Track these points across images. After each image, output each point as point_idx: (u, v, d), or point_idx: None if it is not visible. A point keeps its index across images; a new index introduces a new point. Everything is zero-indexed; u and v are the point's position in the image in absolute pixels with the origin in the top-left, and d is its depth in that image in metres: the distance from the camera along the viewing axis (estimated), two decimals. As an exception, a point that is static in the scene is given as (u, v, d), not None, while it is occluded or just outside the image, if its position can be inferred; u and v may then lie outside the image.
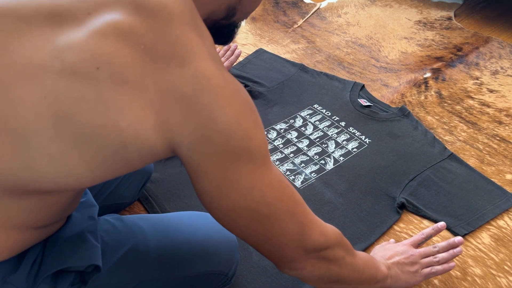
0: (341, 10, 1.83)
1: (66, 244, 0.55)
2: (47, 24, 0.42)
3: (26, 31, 0.42)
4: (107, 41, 0.41)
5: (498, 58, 1.50)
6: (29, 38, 0.42)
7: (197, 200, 1.00)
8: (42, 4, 0.43)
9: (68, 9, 0.43)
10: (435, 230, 0.82)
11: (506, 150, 1.13)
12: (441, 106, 1.29)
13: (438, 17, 1.75)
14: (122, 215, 0.69)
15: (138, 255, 0.63)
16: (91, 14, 0.42)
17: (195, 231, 0.71)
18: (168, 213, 0.78)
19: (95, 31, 0.41)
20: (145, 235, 0.65)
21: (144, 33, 0.42)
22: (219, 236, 0.72)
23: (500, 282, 0.84)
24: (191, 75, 0.43)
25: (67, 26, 0.42)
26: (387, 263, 0.74)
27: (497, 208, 0.97)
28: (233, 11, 0.60)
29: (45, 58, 0.41)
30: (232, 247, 0.74)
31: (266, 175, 0.49)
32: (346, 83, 1.36)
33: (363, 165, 1.09)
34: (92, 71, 0.41)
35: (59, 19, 0.42)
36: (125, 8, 0.42)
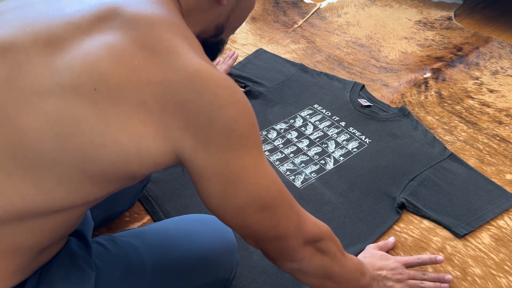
0: (341, 10, 1.83)
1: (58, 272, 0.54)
2: (44, 52, 0.44)
3: (25, 62, 0.44)
4: (102, 63, 0.43)
5: (498, 58, 1.50)
6: (29, 68, 0.44)
7: (197, 200, 1.00)
8: (39, 35, 0.45)
9: (63, 36, 0.45)
10: (431, 260, 0.83)
11: (506, 150, 1.13)
12: (441, 106, 1.29)
13: (438, 17, 1.75)
14: (114, 234, 0.67)
15: (134, 277, 0.62)
16: (85, 40, 0.44)
17: (192, 241, 0.69)
18: (164, 222, 0.75)
19: (90, 54, 0.43)
20: (139, 255, 0.63)
21: (136, 51, 0.44)
22: (218, 240, 0.71)
23: (500, 282, 0.84)
24: (188, 80, 0.44)
25: (63, 51, 0.44)
26: (373, 273, 0.75)
27: (497, 208, 0.97)
28: (222, 29, 0.64)
29: (45, 83, 0.43)
30: (231, 249, 0.72)
31: (267, 169, 0.51)
32: (346, 83, 1.36)
33: (363, 165, 1.09)
34: (90, 93, 0.42)
35: (55, 46, 0.44)
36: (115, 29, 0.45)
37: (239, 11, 0.63)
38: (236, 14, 0.63)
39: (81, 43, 0.44)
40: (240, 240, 0.90)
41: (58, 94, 0.43)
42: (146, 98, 0.43)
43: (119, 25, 0.45)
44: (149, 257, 0.64)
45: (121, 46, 0.44)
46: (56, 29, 0.45)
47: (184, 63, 0.44)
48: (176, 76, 0.44)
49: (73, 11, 0.47)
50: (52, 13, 0.48)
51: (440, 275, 0.81)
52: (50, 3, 0.50)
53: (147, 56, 0.44)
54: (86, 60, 0.43)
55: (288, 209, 0.54)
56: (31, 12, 0.49)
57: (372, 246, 0.87)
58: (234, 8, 0.62)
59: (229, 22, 0.63)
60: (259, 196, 0.50)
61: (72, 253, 0.57)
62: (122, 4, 0.47)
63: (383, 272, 0.77)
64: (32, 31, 0.46)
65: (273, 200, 0.51)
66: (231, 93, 0.46)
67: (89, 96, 0.43)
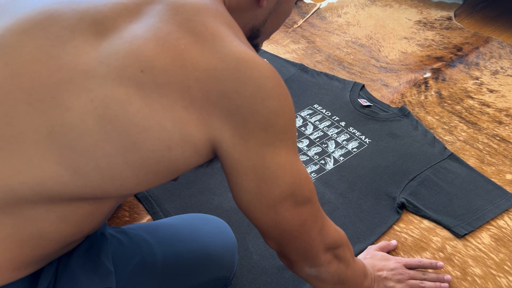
0: (341, 10, 1.83)
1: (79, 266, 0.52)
2: (90, 31, 0.43)
3: (70, 38, 0.43)
4: (149, 46, 0.42)
5: (498, 58, 1.50)
6: (73, 44, 0.43)
7: (197, 200, 1.00)
8: (86, 13, 0.44)
9: (111, 16, 0.44)
10: (432, 265, 0.83)
11: (506, 150, 1.13)
12: (441, 106, 1.29)
13: (438, 17, 1.75)
14: (125, 227, 0.67)
15: (146, 270, 0.62)
16: (132, 21, 0.44)
17: (198, 238, 0.70)
18: (169, 219, 0.76)
19: (137, 37, 0.42)
20: (151, 249, 0.63)
21: (181, 36, 0.43)
22: (220, 238, 0.72)
23: (500, 282, 0.84)
24: (233, 68, 0.43)
25: (110, 33, 0.43)
26: (374, 274, 0.75)
27: (497, 208, 0.97)
28: (257, 33, 0.62)
29: (90, 63, 0.42)
30: (232, 249, 0.73)
31: (301, 168, 0.50)
32: (346, 83, 1.36)
33: (363, 165, 1.09)
34: (136, 75, 0.41)
35: (101, 26, 0.44)
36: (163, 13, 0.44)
37: (276, 16, 0.62)
38: (273, 18, 0.61)
39: (127, 25, 0.43)
40: (240, 240, 0.90)
41: (103, 74, 0.42)
42: (191, 84, 0.42)
43: (165, 9, 0.44)
44: (160, 251, 0.64)
45: (167, 30, 0.43)
46: (103, 8, 0.44)
47: (230, 50, 0.43)
48: (221, 63, 0.43)
49: None
50: None
51: (440, 276, 0.82)
52: None
53: (193, 41, 0.43)
54: (133, 42, 0.42)
55: (315, 211, 0.54)
56: None
57: (373, 247, 0.87)
58: (272, 11, 0.60)
59: (265, 26, 0.62)
60: (293, 195, 0.49)
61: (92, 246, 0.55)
62: None
63: (384, 272, 0.77)
64: (78, 8, 0.44)
65: (305, 199, 0.51)
66: (274, 84, 0.45)
67: (135, 78, 0.42)
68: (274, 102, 0.45)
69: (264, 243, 0.91)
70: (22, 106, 0.41)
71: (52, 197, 0.43)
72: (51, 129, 0.41)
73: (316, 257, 0.56)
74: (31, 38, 0.43)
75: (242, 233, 0.93)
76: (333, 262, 0.59)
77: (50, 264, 0.50)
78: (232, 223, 0.94)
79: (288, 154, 0.48)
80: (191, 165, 0.47)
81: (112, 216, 0.97)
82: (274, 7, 0.59)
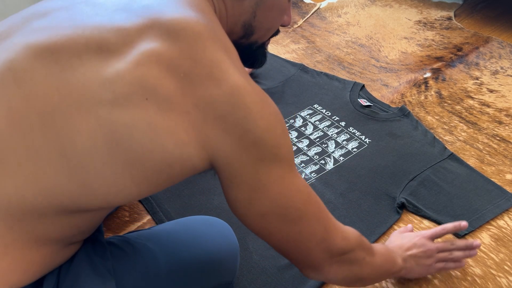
0: (341, 10, 1.83)
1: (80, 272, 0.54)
2: (96, 57, 0.46)
3: (79, 65, 0.46)
4: (152, 73, 0.45)
5: (498, 58, 1.50)
6: (82, 71, 0.45)
7: (197, 200, 1.00)
8: (91, 39, 0.47)
9: (114, 42, 0.46)
10: (455, 227, 0.82)
11: (506, 150, 1.13)
12: (441, 106, 1.29)
13: (438, 17, 1.75)
14: (126, 235, 0.67)
15: (150, 279, 0.62)
16: (134, 47, 0.46)
17: (201, 243, 0.69)
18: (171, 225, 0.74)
19: (140, 62, 0.45)
20: (155, 258, 0.63)
21: (182, 63, 0.46)
22: (223, 243, 0.71)
23: (500, 282, 0.84)
24: (228, 94, 0.47)
25: (114, 58, 0.46)
26: (404, 255, 0.76)
27: (497, 208, 0.97)
28: (250, 29, 0.64)
29: (97, 90, 0.45)
30: (235, 253, 0.72)
31: (295, 181, 0.52)
32: (346, 83, 1.36)
33: (363, 165, 1.09)
34: (142, 102, 0.45)
35: (106, 52, 0.46)
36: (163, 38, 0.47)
37: (265, 7, 0.62)
38: (262, 10, 0.62)
39: (131, 51, 0.46)
40: (240, 240, 0.90)
41: (111, 100, 0.45)
42: (190, 109, 0.46)
43: (166, 33, 0.47)
44: (164, 260, 0.64)
45: (169, 56, 0.46)
46: (107, 35, 0.47)
47: (225, 79, 0.47)
48: (217, 90, 0.47)
49: (122, 17, 0.48)
50: (100, 18, 0.49)
51: (468, 243, 0.81)
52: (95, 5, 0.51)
53: (192, 67, 0.46)
54: (137, 69, 0.45)
55: (313, 222, 0.54)
56: (79, 15, 0.50)
57: (395, 232, 0.87)
58: (258, 2, 0.61)
59: (256, 19, 0.63)
60: (281, 206, 0.51)
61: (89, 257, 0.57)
62: (168, 11, 0.49)
63: (413, 251, 0.77)
64: (84, 34, 0.47)
65: (296, 212, 0.52)
66: (264, 106, 0.49)
67: (141, 105, 0.45)
68: (265, 122, 0.48)
69: (264, 243, 0.91)
70: (37, 127, 0.44)
71: (61, 207, 0.47)
72: (63, 149, 0.45)
73: (319, 266, 0.57)
74: (42, 63, 0.46)
75: (242, 233, 0.93)
76: (342, 267, 0.59)
77: (52, 272, 0.53)
78: (232, 223, 0.94)
79: (280, 168, 0.51)
80: (188, 176, 0.52)
81: (112, 216, 0.97)
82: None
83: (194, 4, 0.52)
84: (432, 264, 0.78)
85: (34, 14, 0.51)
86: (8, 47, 0.47)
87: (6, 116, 0.44)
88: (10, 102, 0.44)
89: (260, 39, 0.68)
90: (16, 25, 0.50)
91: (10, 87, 0.45)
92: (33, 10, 0.52)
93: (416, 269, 0.77)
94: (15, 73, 0.45)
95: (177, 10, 0.49)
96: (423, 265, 0.77)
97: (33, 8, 0.53)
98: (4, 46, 0.48)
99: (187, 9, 0.50)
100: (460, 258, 0.81)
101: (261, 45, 0.70)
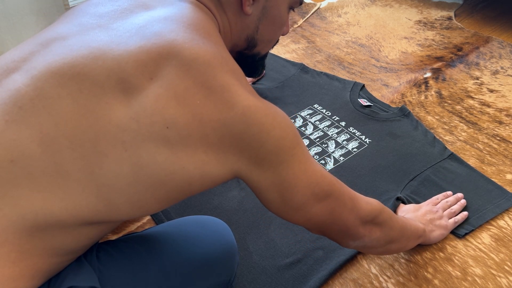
0: (341, 10, 1.83)
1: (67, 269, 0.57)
2: (118, 89, 0.50)
3: (101, 94, 0.49)
4: (171, 105, 0.49)
5: (498, 58, 1.50)
6: (105, 101, 0.49)
7: (196, 200, 1.00)
8: (112, 71, 0.50)
9: (134, 74, 0.50)
10: (455, 198, 0.97)
11: (506, 150, 1.13)
12: (441, 106, 1.29)
13: (438, 17, 1.75)
14: (115, 239, 0.67)
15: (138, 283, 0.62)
16: (153, 79, 0.50)
17: (194, 245, 0.69)
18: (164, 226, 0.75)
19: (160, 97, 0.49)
20: (144, 262, 0.64)
21: (197, 91, 0.50)
22: (219, 243, 0.71)
23: (501, 282, 0.84)
24: (240, 114, 0.51)
25: (136, 91, 0.50)
26: (422, 220, 0.88)
27: (497, 208, 0.97)
28: (253, 41, 0.69)
29: (122, 118, 0.49)
30: (232, 252, 0.72)
31: (315, 167, 0.58)
32: (346, 83, 1.36)
33: (363, 165, 1.09)
34: (163, 131, 0.49)
35: (127, 85, 0.50)
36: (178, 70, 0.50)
37: (267, 22, 0.67)
38: (264, 24, 0.67)
39: (149, 83, 0.50)
40: (240, 240, 0.90)
41: (134, 129, 0.49)
42: (208, 132, 0.51)
43: (180, 64, 0.51)
44: (153, 263, 0.64)
45: (184, 87, 0.50)
46: (125, 66, 0.50)
47: (236, 101, 0.51)
48: (230, 113, 0.51)
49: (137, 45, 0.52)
50: (116, 46, 0.52)
51: (456, 195, 0.98)
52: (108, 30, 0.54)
53: (206, 95, 0.50)
54: (157, 102, 0.49)
55: (340, 196, 0.60)
56: (96, 41, 0.53)
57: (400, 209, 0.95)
58: (261, 18, 0.66)
59: (259, 33, 0.67)
60: (313, 193, 0.57)
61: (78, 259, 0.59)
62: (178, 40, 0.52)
63: (427, 216, 0.90)
64: (104, 65, 0.50)
65: (325, 193, 0.58)
66: (274, 118, 0.54)
67: (162, 133, 0.49)
68: (277, 131, 0.53)
69: (264, 243, 0.91)
70: (66, 150, 0.48)
71: (84, 221, 0.51)
72: (91, 170, 0.49)
73: (356, 232, 0.64)
74: (67, 92, 0.49)
75: (242, 233, 0.93)
76: (374, 230, 0.66)
77: None
78: (232, 223, 0.94)
79: (300, 163, 0.55)
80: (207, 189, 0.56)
81: (112, 216, 0.97)
82: (261, 12, 0.65)
83: (200, 28, 0.55)
84: (445, 221, 0.91)
85: (51, 40, 0.54)
86: (33, 74, 0.50)
87: (38, 139, 0.48)
88: (42, 127, 0.48)
89: (262, 51, 0.72)
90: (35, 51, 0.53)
91: (42, 113, 0.48)
92: (48, 36, 0.55)
93: (437, 231, 0.89)
94: (45, 101, 0.49)
95: (187, 37, 0.53)
96: (440, 226, 0.90)
97: (47, 33, 0.56)
98: (30, 73, 0.51)
99: (195, 35, 0.54)
100: (458, 210, 0.95)
101: (263, 57, 0.75)
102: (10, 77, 0.51)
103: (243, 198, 1.00)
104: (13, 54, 0.54)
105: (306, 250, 0.89)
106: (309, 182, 0.56)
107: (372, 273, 0.86)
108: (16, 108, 0.48)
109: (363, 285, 0.85)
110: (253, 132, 0.52)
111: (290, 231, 0.93)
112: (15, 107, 0.48)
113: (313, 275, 0.85)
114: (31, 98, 0.49)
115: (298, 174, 0.56)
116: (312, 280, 0.84)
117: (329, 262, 0.87)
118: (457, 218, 0.94)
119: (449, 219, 0.93)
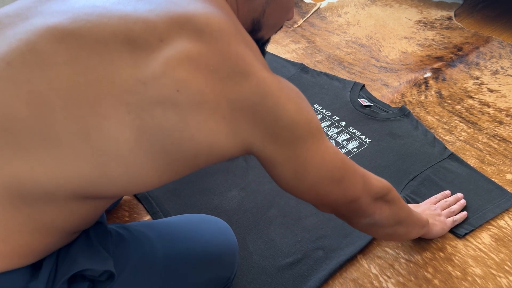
0: (341, 10, 1.83)
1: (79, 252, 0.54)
2: (124, 48, 0.45)
3: (105, 52, 0.44)
4: (183, 68, 0.45)
5: (498, 58, 1.50)
6: (109, 59, 0.44)
7: (196, 200, 1.00)
8: (118, 29, 0.45)
9: (142, 35, 0.45)
10: (455, 198, 0.98)
11: (506, 150, 1.13)
12: (441, 106, 1.29)
13: (438, 17, 1.75)
14: (126, 224, 0.67)
15: (146, 266, 0.62)
16: (163, 41, 0.46)
17: (199, 237, 0.70)
18: (171, 218, 0.76)
19: (171, 59, 0.45)
20: (152, 245, 0.64)
21: (210, 57, 0.47)
22: (221, 238, 0.72)
23: (501, 282, 0.84)
24: (255, 85, 0.48)
25: (144, 52, 0.45)
26: (424, 214, 0.88)
27: (497, 207, 0.97)
28: (258, 25, 0.66)
29: (128, 80, 0.44)
30: (233, 250, 0.73)
31: (329, 146, 0.57)
32: (346, 83, 1.36)
33: (363, 165, 1.09)
34: (173, 95, 0.45)
35: (134, 44, 0.45)
36: (190, 35, 0.47)
37: (274, 6, 0.64)
38: (271, 8, 0.64)
39: (159, 45, 0.46)
40: (240, 240, 0.90)
41: (141, 92, 0.44)
42: (220, 102, 0.47)
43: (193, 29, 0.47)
44: (160, 247, 0.64)
45: (197, 51, 0.46)
46: (133, 26, 0.46)
47: (251, 71, 0.49)
48: (245, 83, 0.48)
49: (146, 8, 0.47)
50: (123, 7, 0.47)
51: (456, 196, 0.98)
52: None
53: (220, 61, 0.47)
54: (168, 63, 0.45)
55: (352, 174, 0.60)
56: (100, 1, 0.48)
57: None
58: (269, 1, 0.63)
59: (265, 17, 0.65)
60: (327, 172, 0.56)
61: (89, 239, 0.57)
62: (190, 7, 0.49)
63: (426, 212, 0.91)
64: (109, 22, 0.45)
65: (338, 171, 0.57)
66: (289, 90, 0.52)
67: (172, 97, 0.45)
68: (293, 105, 0.51)
69: (264, 243, 0.91)
70: (59, 111, 0.43)
71: (75, 194, 0.46)
72: (87, 133, 0.44)
73: (367, 208, 0.63)
74: (65, 47, 0.44)
75: (242, 233, 0.93)
76: (384, 207, 0.66)
77: (51, 254, 0.52)
78: (232, 223, 0.94)
79: (314, 140, 0.54)
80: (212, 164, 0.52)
81: (112, 216, 0.97)
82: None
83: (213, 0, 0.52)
84: (444, 218, 0.92)
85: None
86: (28, 29, 0.45)
87: (26, 98, 0.43)
88: (31, 85, 0.43)
89: (266, 35, 0.70)
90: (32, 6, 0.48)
91: (33, 69, 0.43)
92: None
93: (437, 225, 0.89)
94: (38, 56, 0.43)
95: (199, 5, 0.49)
96: (440, 221, 0.90)
97: None
98: (24, 28, 0.46)
99: (207, 4, 0.50)
100: (458, 210, 0.96)
101: (265, 42, 0.72)
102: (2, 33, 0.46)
103: (243, 198, 1.00)
104: (8, 9, 0.49)
105: (306, 250, 0.89)
106: (324, 160, 0.55)
107: (372, 273, 0.86)
108: (4, 63, 0.43)
109: (363, 285, 0.85)
110: (268, 105, 0.49)
111: (290, 231, 0.93)
112: (3, 63, 0.43)
113: (313, 275, 0.85)
114: (22, 53, 0.43)
115: (314, 152, 0.54)
116: (312, 280, 0.84)
117: (329, 262, 0.87)
118: (456, 218, 0.94)
119: (448, 218, 0.93)
